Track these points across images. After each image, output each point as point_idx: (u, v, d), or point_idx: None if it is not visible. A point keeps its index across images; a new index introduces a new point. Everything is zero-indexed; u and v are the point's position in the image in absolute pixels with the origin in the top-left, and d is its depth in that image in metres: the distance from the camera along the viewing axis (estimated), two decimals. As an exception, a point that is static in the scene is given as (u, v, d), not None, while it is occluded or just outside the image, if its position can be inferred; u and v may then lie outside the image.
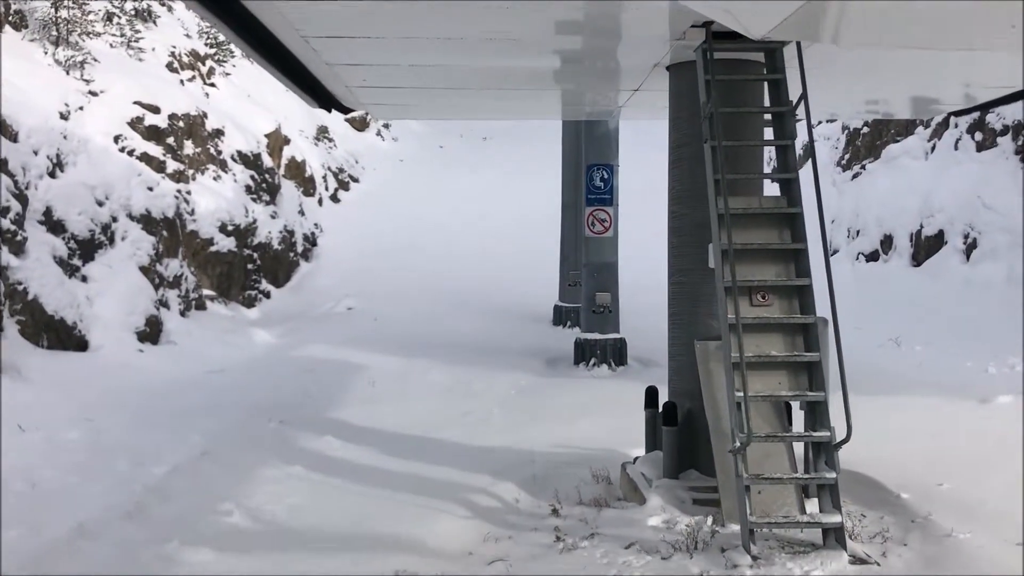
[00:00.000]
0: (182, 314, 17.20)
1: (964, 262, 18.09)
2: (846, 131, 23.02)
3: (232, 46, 25.58)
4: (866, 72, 8.12)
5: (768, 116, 7.35)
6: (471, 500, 7.69)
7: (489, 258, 22.90)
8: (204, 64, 22.64)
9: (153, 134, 18.10)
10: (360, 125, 31.27)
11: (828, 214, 22.65)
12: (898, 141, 21.24)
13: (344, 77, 8.31)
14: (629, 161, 16.77)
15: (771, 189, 7.90)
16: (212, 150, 20.17)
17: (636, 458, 8.27)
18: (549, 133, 33.29)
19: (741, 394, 6.20)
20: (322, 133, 27.90)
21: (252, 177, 21.24)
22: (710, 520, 6.74)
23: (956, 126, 19.70)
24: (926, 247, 19.08)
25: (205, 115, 20.25)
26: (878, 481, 7.77)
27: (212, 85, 22.57)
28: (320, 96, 9.90)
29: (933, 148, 20.23)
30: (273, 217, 21.75)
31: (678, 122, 7.77)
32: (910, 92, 9.42)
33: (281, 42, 7.65)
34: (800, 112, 6.93)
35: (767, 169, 8.44)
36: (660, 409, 7.99)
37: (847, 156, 22.78)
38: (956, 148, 19.52)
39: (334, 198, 26.50)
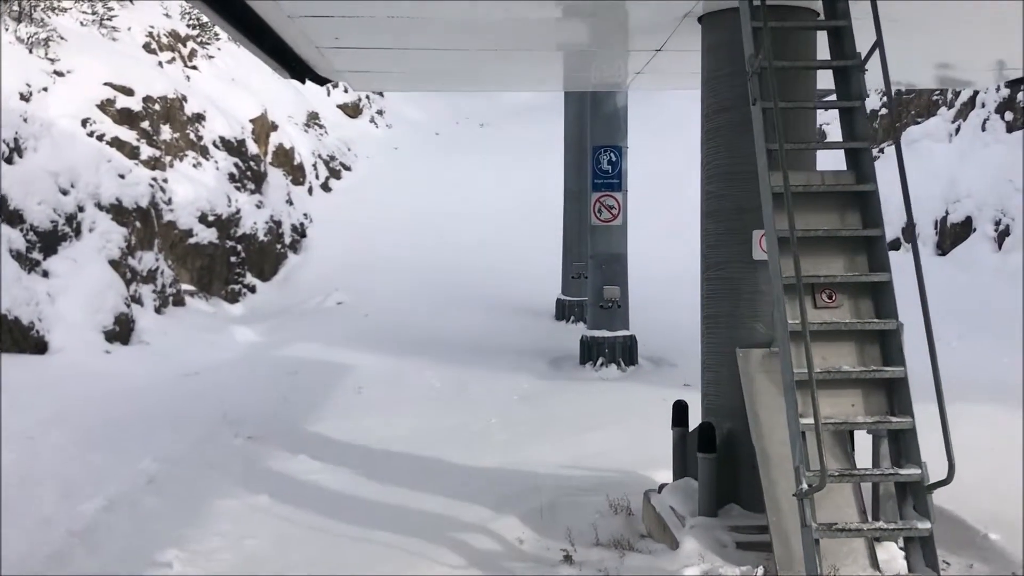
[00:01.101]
0: (157, 311, 15.78)
1: (995, 250, 16.69)
2: (862, 113, 21.57)
3: (217, 28, 24.11)
4: (943, 27, 6.69)
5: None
6: (466, 542, 6.27)
7: (487, 249, 21.47)
8: (185, 46, 21.15)
9: (126, 117, 16.62)
10: (353, 112, 29.77)
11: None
12: (919, 123, 19.82)
13: (311, 34, 6.87)
14: (634, 145, 15.37)
15: (824, 163, 6.51)
16: (192, 136, 18.70)
17: (662, 485, 6.85)
18: (550, 117, 31.81)
19: (809, 421, 4.78)
20: (313, 119, 26.41)
21: (236, 165, 19.78)
22: (761, 571, 5.35)
23: (983, 105, 18.27)
24: (952, 235, 17.69)
25: (184, 98, 18.77)
26: (957, 516, 6.36)
27: (194, 68, 21.10)
28: (291, 64, 8.49)
29: (958, 130, 18.81)
30: (259, 207, 20.29)
31: (714, 84, 6.34)
32: (995, 54, 7.91)
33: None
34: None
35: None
36: (691, 428, 6.61)
37: (863, 139, 21.33)
38: (983, 129, 18.10)
39: (325, 187, 25.02)
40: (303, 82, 8.98)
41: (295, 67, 8.59)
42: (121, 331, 14.17)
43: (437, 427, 9.77)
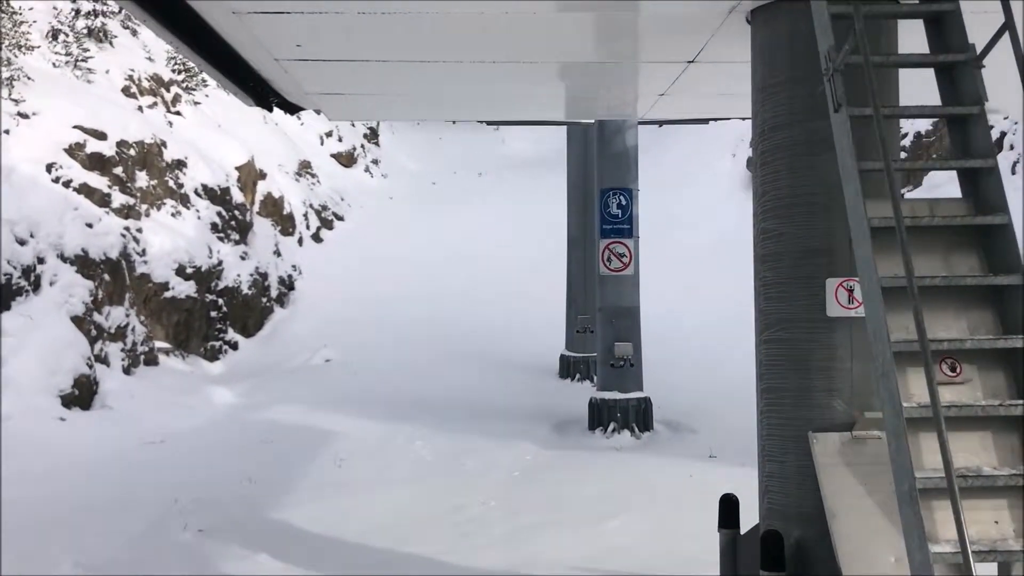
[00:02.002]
0: (126, 371, 14.27)
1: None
2: (878, 158, 20.26)
3: (205, 75, 22.93)
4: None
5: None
6: None
7: (486, 302, 20.02)
8: (168, 90, 19.90)
9: (96, 163, 15.26)
10: (347, 161, 28.53)
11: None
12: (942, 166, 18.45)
13: (266, 41, 5.49)
14: (641, 187, 14.00)
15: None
16: (171, 183, 17.34)
17: (707, 605, 5.32)
18: (550, 165, 30.63)
19: (946, 550, 3.28)
20: (305, 168, 25.13)
21: (219, 214, 18.40)
22: None
23: (1012, 147, 16.96)
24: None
25: (164, 144, 17.44)
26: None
27: (177, 113, 19.82)
28: (255, 87, 7.12)
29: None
30: (243, 258, 18.88)
31: (770, 94, 4.92)
32: None
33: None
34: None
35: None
36: (743, 530, 5.12)
37: (881, 185, 20.00)
38: (1013, 172, 16.76)
39: (316, 237, 23.64)
40: (270, 109, 7.58)
41: (259, 91, 7.23)
42: (81, 395, 12.65)
43: (426, 512, 8.22)
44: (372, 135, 31.13)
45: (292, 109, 7.59)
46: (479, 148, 32.92)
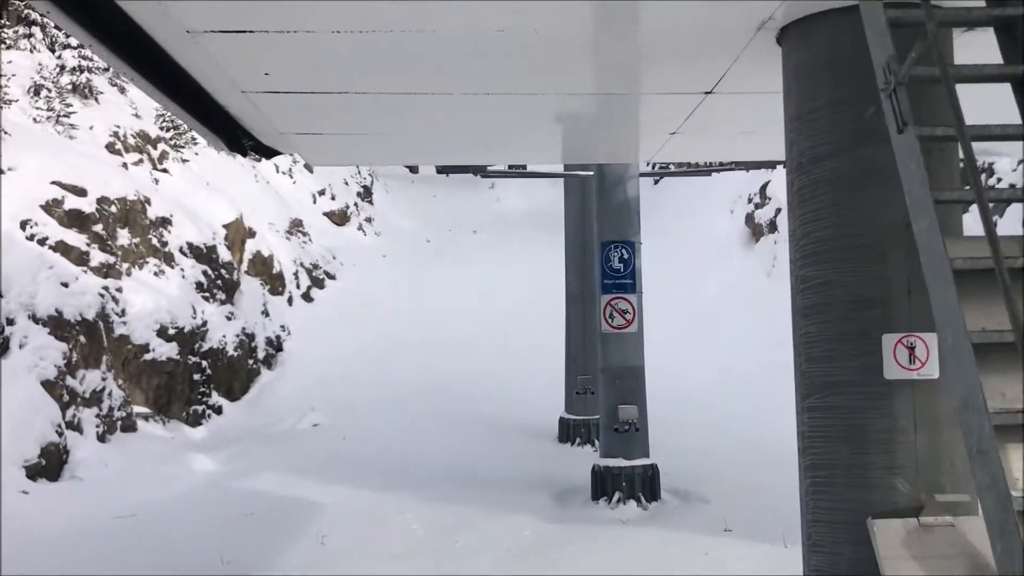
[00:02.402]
0: (101, 438, 13.39)
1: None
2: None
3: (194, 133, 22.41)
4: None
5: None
6: None
7: (482, 362, 19.22)
8: (155, 148, 19.31)
9: (75, 220, 14.57)
10: (340, 219, 27.93)
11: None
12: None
13: (231, 69, 4.81)
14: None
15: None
16: (155, 241, 16.64)
17: None
18: (547, 222, 30.02)
19: None
20: (296, 227, 24.49)
21: (205, 273, 17.67)
22: None
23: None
24: None
25: (148, 201, 16.78)
26: None
27: (164, 171, 19.21)
28: (226, 129, 6.44)
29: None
30: (229, 318, 18.10)
31: (809, 121, 4.22)
32: None
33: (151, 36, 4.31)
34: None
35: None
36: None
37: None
38: (1025, 224, 16.11)
39: (306, 297, 22.90)
40: (244, 153, 6.90)
41: (230, 132, 6.55)
42: (49, 464, 11.78)
43: (415, 598, 7.34)
44: (366, 193, 30.60)
45: (268, 153, 6.91)
46: (474, 206, 32.40)
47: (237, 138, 6.65)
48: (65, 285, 13.52)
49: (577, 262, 15.11)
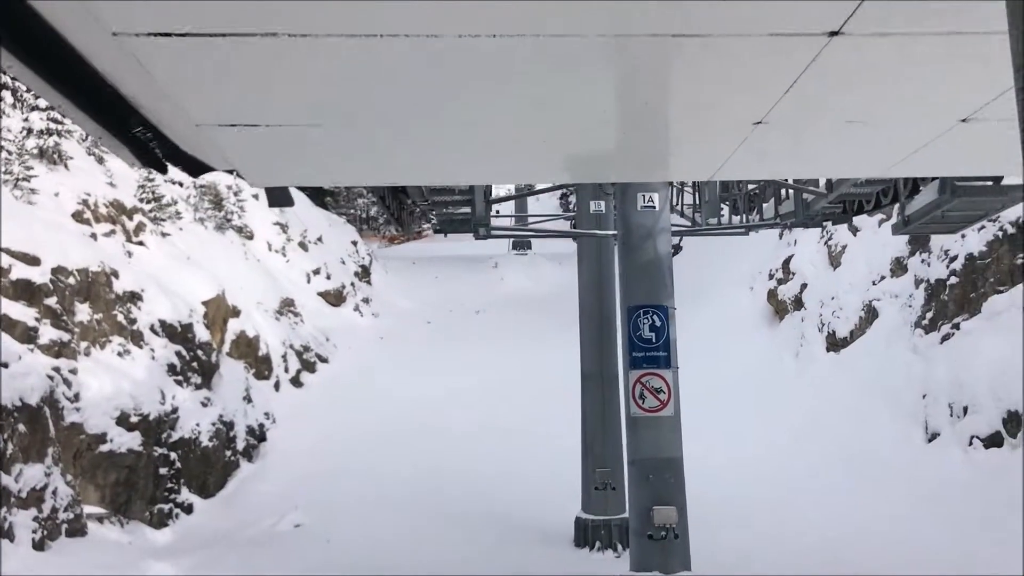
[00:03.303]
0: (38, 545, 11.28)
1: None
2: (923, 284, 17.76)
3: (179, 206, 20.81)
4: None
5: None
6: None
7: (487, 453, 17.08)
8: (131, 218, 17.59)
9: (23, 291, 12.72)
10: (335, 299, 26.11)
11: (914, 387, 17.18)
12: (1001, 291, 15.98)
13: (149, 63, 2.99)
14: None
15: None
16: (121, 317, 14.77)
17: None
18: (553, 301, 28.17)
19: None
20: (287, 307, 22.65)
21: (178, 354, 15.75)
22: None
23: (1087, 266, 14.49)
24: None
25: (115, 274, 14.97)
26: None
27: (139, 243, 17.45)
28: (141, 142, 4.60)
29: (1057, 296, 14.95)
30: (205, 405, 16.11)
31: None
32: None
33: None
34: None
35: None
36: None
37: (929, 314, 17.41)
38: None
39: (295, 381, 20.91)
40: (163, 170, 5.02)
41: (144, 144, 4.69)
42: (-35, 581, 9.67)
43: None
44: (364, 273, 28.86)
45: (194, 168, 5.03)
46: (477, 287, 30.62)
47: (151, 151, 4.79)
48: (5, 366, 11.58)
49: (593, 335, 13.17)
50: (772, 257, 23.90)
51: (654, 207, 9.14)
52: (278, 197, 6.78)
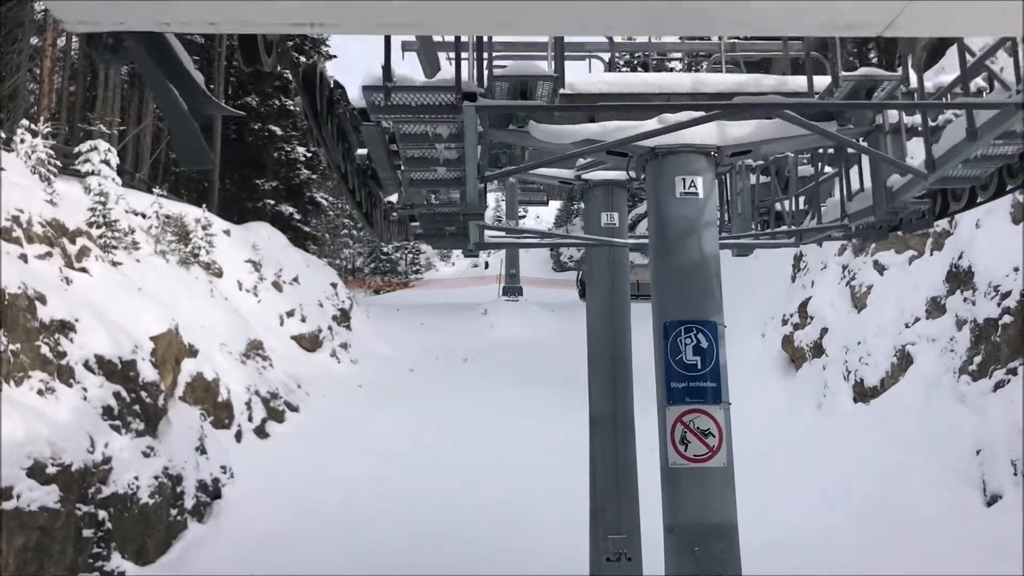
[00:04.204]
0: (-94, 629, 8.76)
1: None
2: (968, 325, 15.55)
3: (137, 236, 18.58)
4: None
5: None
6: None
7: (477, 514, 14.66)
8: (73, 242, 15.30)
9: (-85, 312, 10.38)
10: (310, 344, 23.71)
11: (964, 442, 14.80)
12: (1064, 330, 13.82)
13: None
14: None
15: None
16: (47, 350, 12.39)
17: None
18: (547, 347, 25.85)
19: None
20: (255, 349, 20.25)
21: (117, 394, 13.35)
22: None
23: None
24: None
25: (41, 299, 12.63)
26: None
27: (82, 270, 15.13)
28: None
29: None
30: (147, 455, 13.65)
31: None
32: None
33: None
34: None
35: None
36: None
37: (977, 359, 15.18)
38: None
39: (261, 431, 18.44)
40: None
41: None
42: None
43: None
44: (343, 317, 26.52)
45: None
46: (465, 333, 28.31)
47: None
48: None
49: (604, 371, 10.81)
50: (785, 301, 21.74)
51: (697, 194, 6.95)
52: (191, 152, 4.62)
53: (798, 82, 7.47)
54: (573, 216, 55.42)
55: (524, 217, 54.65)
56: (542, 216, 64.42)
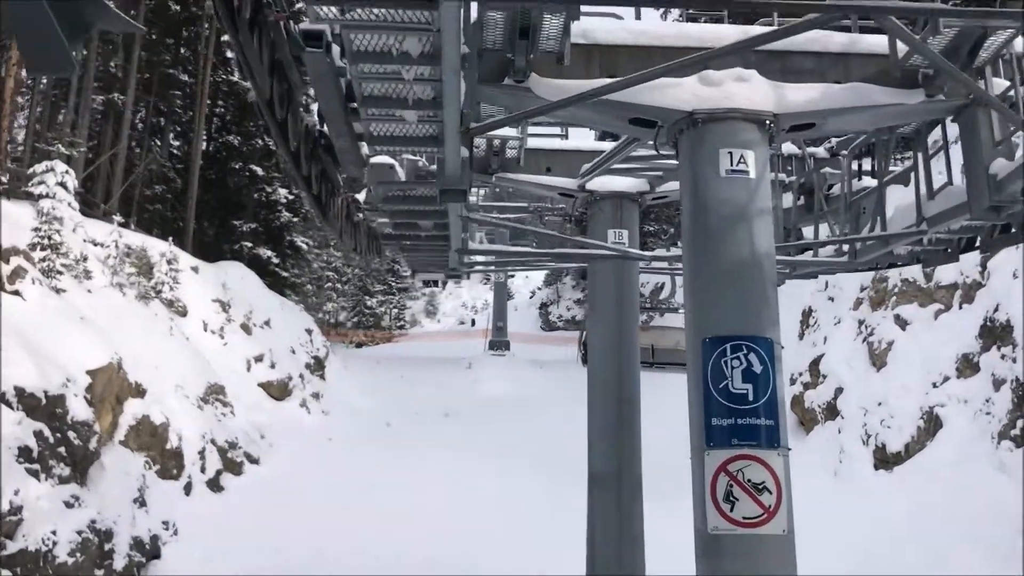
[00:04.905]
0: None
1: None
2: (1010, 383, 13.79)
3: (90, 264, 16.78)
4: None
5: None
6: None
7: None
8: (7, 262, 13.48)
9: None
10: (279, 392, 21.73)
11: (1007, 515, 12.88)
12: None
13: None
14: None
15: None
16: (-47, 378, 10.48)
17: None
18: (536, 405, 23.99)
19: None
20: (215, 394, 18.27)
21: (39, 434, 11.39)
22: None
23: None
24: None
25: (-48, 317, 10.76)
26: None
27: (14, 292, 13.28)
28: None
29: None
30: (71, 505, 11.64)
31: None
32: None
33: None
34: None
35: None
36: None
37: (1021, 423, 13.40)
38: None
39: (215, 485, 16.37)
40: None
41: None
42: None
43: None
44: (317, 366, 24.55)
45: None
46: (447, 388, 26.38)
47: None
48: None
49: (606, 417, 8.93)
50: (794, 358, 19.98)
51: (747, 172, 5.27)
52: (43, 52, 2.99)
53: (870, 42, 5.83)
54: (564, 275, 53.76)
55: (512, 277, 53.02)
56: (531, 276, 62.78)
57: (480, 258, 10.43)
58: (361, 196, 7.57)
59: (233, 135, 30.53)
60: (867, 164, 8.05)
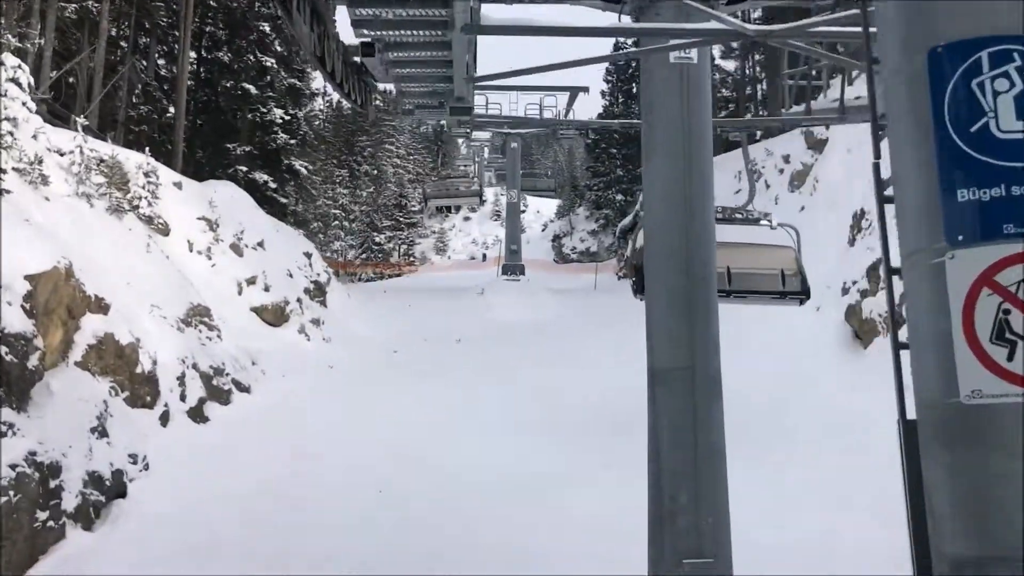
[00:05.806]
0: None
1: None
2: None
3: (48, 170, 14.34)
4: None
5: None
6: None
7: (475, 532, 10.44)
8: (-72, 149, 11.03)
9: None
10: (275, 318, 19.42)
11: None
12: None
13: None
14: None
15: None
16: None
17: None
18: (554, 331, 21.79)
19: None
20: (198, 316, 15.94)
21: (-41, 347, 9.06)
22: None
23: None
24: None
25: None
26: None
27: (-62, 187, 10.87)
28: None
29: None
30: (2, 434, 9.35)
31: None
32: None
33: None
34: None
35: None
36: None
37: None
38: None
39: (196, 414, 14.10)
40: None
41: None
42: None
43: None
44: (317, 291, 22.19)
45: None
46: (458, 314, 24.05)
47: None
48: None
49: (669, 286, 6.46)
50: (846, 266, 17.53)
51: None
52: None
53: None
54: (576, 206, 51.18)
55: (524, 212, 50.36)
56: (542, 211, 60.29)
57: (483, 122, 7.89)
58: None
59: (223, 51, 27.85)
60: None
